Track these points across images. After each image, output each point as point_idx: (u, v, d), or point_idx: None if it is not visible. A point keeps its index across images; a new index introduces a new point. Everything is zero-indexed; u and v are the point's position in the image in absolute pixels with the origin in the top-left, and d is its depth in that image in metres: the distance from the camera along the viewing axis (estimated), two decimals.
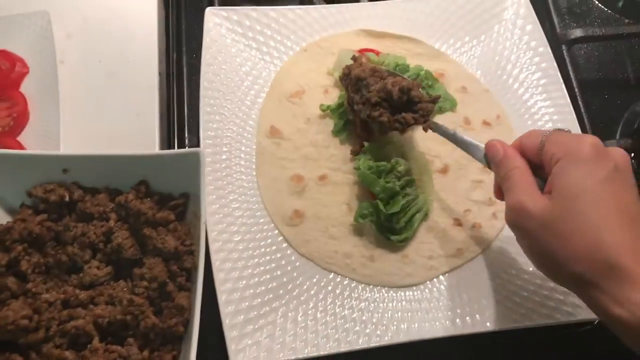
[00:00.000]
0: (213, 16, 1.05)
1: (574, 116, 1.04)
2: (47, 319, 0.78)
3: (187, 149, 0.92)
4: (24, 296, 0.80)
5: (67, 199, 0.86)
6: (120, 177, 0.88)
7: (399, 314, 0.90)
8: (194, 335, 0.77)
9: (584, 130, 1.08)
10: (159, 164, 0.87)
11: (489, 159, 0.81)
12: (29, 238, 0.83)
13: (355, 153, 0.99)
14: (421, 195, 0.97)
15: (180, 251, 0.83)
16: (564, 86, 1.06)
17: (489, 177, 1.00)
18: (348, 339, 0.87)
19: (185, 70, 1.10)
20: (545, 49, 1.09)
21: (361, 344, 0.86)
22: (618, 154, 0.71)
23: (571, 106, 1.05)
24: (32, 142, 1.00)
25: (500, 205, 0.97)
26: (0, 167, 0.85)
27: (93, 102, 1.06)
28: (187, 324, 0.81)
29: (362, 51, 1.06)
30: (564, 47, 1.17)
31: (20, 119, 1.01)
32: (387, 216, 0.92)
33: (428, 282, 0.93)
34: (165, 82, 1.10)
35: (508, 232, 0.94)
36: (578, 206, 0.68)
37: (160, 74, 1.09)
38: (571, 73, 1.15)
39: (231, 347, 0.84)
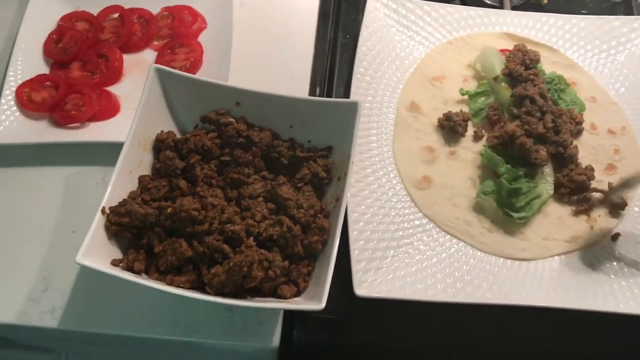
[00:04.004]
0: (374, 1, 1.19)
1: None
2: (211, 216, 0.89)
3: (346, 99, 1.03)
4: (191, 197, 0.93)
5: (235, 124, 0.98)
6: (281, 117, 1.00)
7: (508, 281, 0.96)
8: (333, 253, 0.86)
9: None
10: (318, 109, 0.98)
11: None
12: (201, 150, 0.96)
13: (477, 138, 1.10)
14: (541, 184, 1.04)
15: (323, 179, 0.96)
16: None
17: (609, 179, 1.06)
18: (460, 294, 0.94)
19: (338, 47, 1.23)
20: None
21: (472, 299, 0.94)
22: None
23: None
24: None
25: None
26: (182, 89, 0.98)
27: (256, 62, 1.21)
28: (325, 244, 0.91)
29: (503, 51, 1.16)
30: None
31: (195, 64, 1.16)
32: (509, 192, 1.00)
33: (540, 259, 0.99)
34: (319, 55, 1.23)
35: (622, 229, 1.01)
36: None
37: (315, 47, 1.23)
38: None
39: (356, 276, 0.93)
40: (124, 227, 0.88)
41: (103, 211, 0.87)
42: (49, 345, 1.11)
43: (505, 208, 1.01)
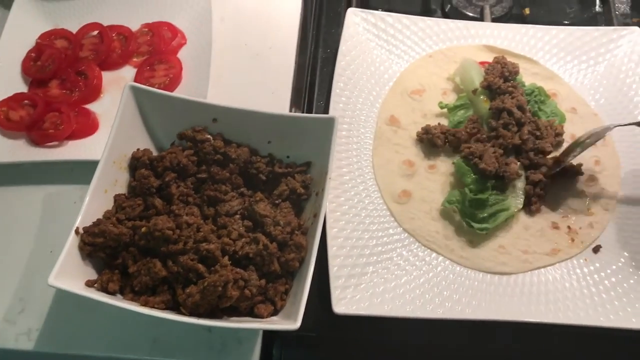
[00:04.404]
0: (353, 15, 1.19)
1: None
2: (186, 235, 0.88)
3: (323, 115, 1.03)
4: (166, 215, 0.92)
5: (212, 140, 0.98)
6: (259, 133, 1.00)
7: (488, 296, 0.96)
8: (309, 272, 0.85)
9: None
10: (295, 125, 0.98)
11: None
12: (177, 168, 0.96)
13: (455, 149, 1.09)
14: (511, 197, 1.03)
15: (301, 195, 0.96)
16: None
17: (590, 190, 1.06)
18: (439, 310, 0.93)
19: (319, 61, 1.23)
20: None
21: (451, 315, 0.93)
22: None
23: None
24: None
25: (597, 217, 1.04)
26: (158, 106, 0.98)
27: (236, 76, 1.21)
28: (302, 261, 0.90)
29: (482, 63, 1.16)
30: None
31: (174, 80, 1.16)
32: (472, 202, 1.01)
33: (520, 273, 0.99)
34: (299, 69, 1.23)
35: (603, 241, 1.01)
36: None
37: (296, 61, 1.23)
38: None
39: (335, 293, 0.92)
40: (98, 247, 0.88)
41: (77, 231, 0.87)
42: None
43: (467, 218, 1.01)
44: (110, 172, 0.94)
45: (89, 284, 0.87)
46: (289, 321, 0.82)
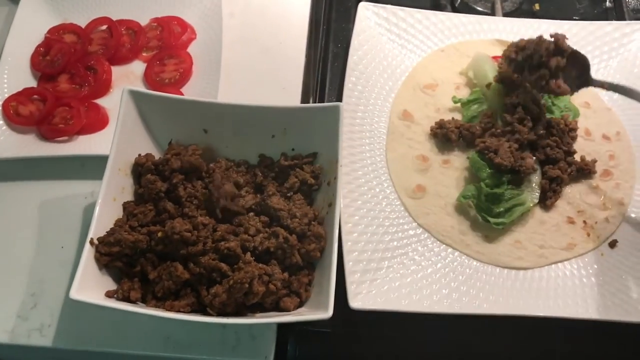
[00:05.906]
0: (365, 9, 1.18)
1: None
2: (204, 236, 0.87)
3: (328, 103, 1.02)
4: (181, 218, 0.90)
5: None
6: (262, 128, 0.98)
7: (505, 291, 0.95)
8: (333, 260, 0.84)
9: None
10: (299, 116, 0.97)
11: None
12: (183, 169, 0.94)
13: (469, 144, 1.08)
14: (526, 192, 1.03)
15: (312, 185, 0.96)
16: None
17: (605, 185, 1.06)
18: (456, 305, 0.93)
19: (330, 56, 1.22)
20: None
21: (468, 310, 0.92)
22: None
23: None
24: (192, 95, 1.14)
25: (613, 211, 1.03)
26: (158, 108, 0.96)
27: (246, 72, 1.19)
28: (322, 251, 0.89)
29: (495, 58, 1.15)
30: None
31: (184, 75, 1.15)
32: (488, 197, 1.00)
33: (537, 268, 0.98)
34: (310, 64, 1.22)
35: (620, 236, 1.00)
36: None
37: (306, 56, 1.22)
38: None
39: (351, 287, 0.91)
40: (115, 256, 0.86)
41: (92, 242, 0.85)
42: None
43: (483, 213, 1.00)
44: (117, 180, 0.92)
45: (109, 294, 0.85)
46: (320, 311, 0.81)
